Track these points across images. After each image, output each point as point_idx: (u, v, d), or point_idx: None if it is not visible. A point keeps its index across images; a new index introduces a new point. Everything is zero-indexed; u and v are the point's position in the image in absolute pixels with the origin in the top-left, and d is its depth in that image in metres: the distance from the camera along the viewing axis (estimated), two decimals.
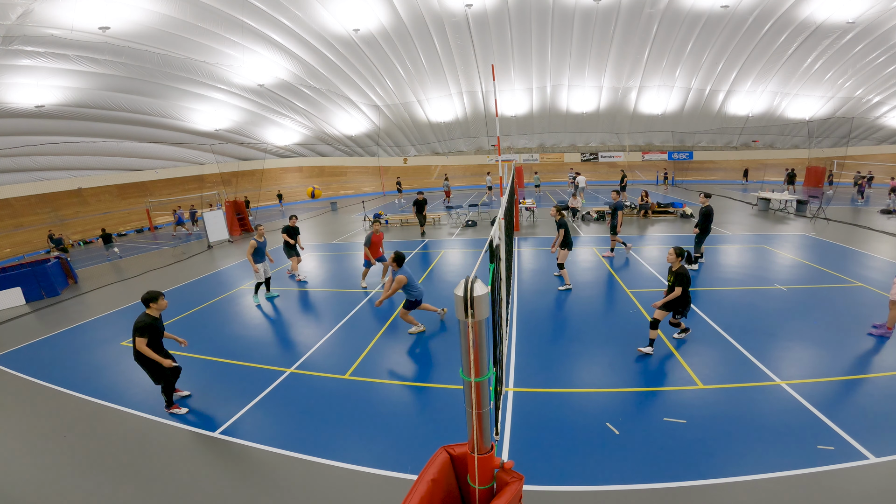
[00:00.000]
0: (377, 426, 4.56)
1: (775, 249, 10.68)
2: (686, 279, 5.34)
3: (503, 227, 3.26)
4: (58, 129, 21.46)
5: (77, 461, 4.37)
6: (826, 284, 7.97)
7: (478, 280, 1.36)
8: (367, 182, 35.10)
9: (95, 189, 26.88)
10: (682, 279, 5.34)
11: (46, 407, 5.50)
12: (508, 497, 1.53)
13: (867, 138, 29.85)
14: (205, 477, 4.01)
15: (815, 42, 22.67)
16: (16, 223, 22.90)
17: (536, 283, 8.95)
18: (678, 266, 5.45)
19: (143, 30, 17.65)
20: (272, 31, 20.72)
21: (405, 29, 22.28)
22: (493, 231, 2.44)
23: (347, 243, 14.71)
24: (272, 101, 26.74)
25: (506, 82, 26.75)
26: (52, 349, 7.47)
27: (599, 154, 34.48)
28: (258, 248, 8.60)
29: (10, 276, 10.88)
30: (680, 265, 5.44)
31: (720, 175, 31.00)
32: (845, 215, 15.22)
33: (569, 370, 5.48)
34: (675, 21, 22.21)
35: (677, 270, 5.43)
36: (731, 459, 3.77)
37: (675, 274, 5.45)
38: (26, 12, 14.40)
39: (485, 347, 1.43)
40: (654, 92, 27.89)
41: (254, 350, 6.64)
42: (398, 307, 7.99)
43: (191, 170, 30.63)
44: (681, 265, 5.44)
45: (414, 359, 6.10)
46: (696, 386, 4.92)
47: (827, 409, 4.35)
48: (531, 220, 16.53)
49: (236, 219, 18.81)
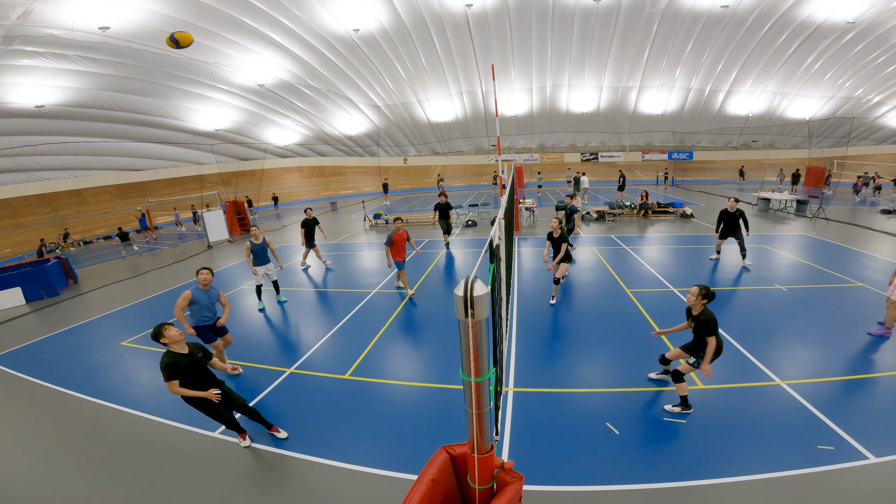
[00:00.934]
0: (377, 426, 4.56)
1: (775, 249, 10.68)
2: (714, 326, 4.12)
3: (503, 227, 3.26)
4: (58, 129, 21.46)
5: (77, 461, 4.36)
6: (826, 284, 7.97)
7: (478, 280, 1.36)
8: (367, 182, 35.11)
9: (95, 189, 26.89)
10: (709, 328, 4.10)
11: (46, 407, 5.50)
12: (508, 497, 1.53)
13: (867, 138, 29.85)
14: (205, 477, 4.01)
15: (815, 42, 22.67)
16: (16, 223, 22.91)
17: (536, 283, 8.95)
18: (700, 309, 4.21)
19: (143, 30, 17.64)
20: (272, 31, 20.72)
21: (405, 29, 22.28)
22: (493, 231, 2.44)
23: (347, 243, 14.70)
24: (272, 101, 26.74)
25: (506, 82, 26.75)
26: (52, 349, 7.47)
27: (599, 154, 34.49)
28: (254, 251, 8.20)
29: (10, 276, 10.88)
30: (703, 308, 4.22)
31: (720, 175, 31.01)
32: (845, 215, 15.22)
33: (569, 370, 5.48)
34: (675, 21, 22.21)
35: (700, 316, 4.20)
36: (731, 459, 3.77)
37: (697, 321, 4.21)
38: (26, 12, 14.39)
39: (485, 347, 1.43)
40: (654, 92, 27.89)
41: (254, 350, 6.64)
42: (398, 307, 8.00)
43: (191, 170, 30.63)
44: (704, 308, 4.22)
45: (414, 359, 6.10)
46: (696, 386, 4.92)
47: (827, 409, 4.35)
48: (531, 220, 16.53)
49: (236, 219, 18.82)
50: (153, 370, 6.29)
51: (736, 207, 9.06)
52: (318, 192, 33.93)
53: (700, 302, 4.22)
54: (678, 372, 4.38)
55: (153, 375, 6.14)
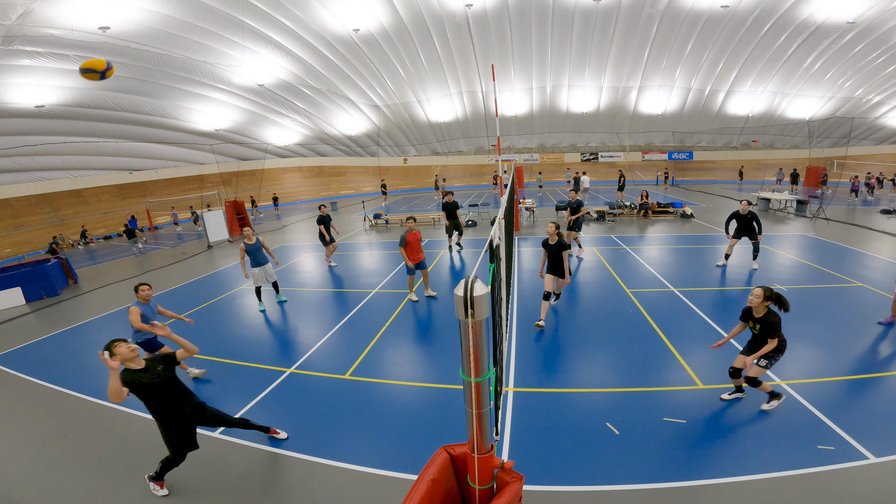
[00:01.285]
0: (377, 426, 4.56)
1: (775, 249, 10.68)
2: (778, 328, 4.13)
3: (503, 227, 3.26)
4: (58, 129, 21.47)
5: (77, 461, 4.36)
6: (826, 284, 7.97)
7: (478, 280, 1.36)
8: (367, 182, 35.12)
9: (95, 189, 26.89)
10: (773, 329, 4.12)
11: (46, 407, 5.50)
12: (508, 497, 1.53)
13: (867, 138, 29.87)
14: (205, 477, 4.00)
15: (815, 42, 22.68)
16: (16, 223, 22.91)
17: (536, 283, 8.94)
18: (764, 311, 4.17)
19: (143, 30, 17.66)
20: (272, 31, 20.73)
21: (405, 29, 22.29)
22: (493, 231, 2.45)
23: (348, 243, 14.70)
24: (272, 101, 26.75)
25: (506, 82, 26.76)
26: (52, 349, 7.47)
27: (599, 154, 34.51)
28: (249, 251, 8.07)
29: (10, 276, 10.88)
30: (766, 310, 4.17)
31: (720, 175, 31.02)
32: (845, 215, 15.22)
33: (569, 370, 5.48)
34: (675, 21, 22.22)
35: (766, 317, 4.17)
36: (731, 459, 3.77)
37: (763, 322, 4.20)
38: (26, 12, 14.40)
39: (485, 347, 1.43)
40: (654, 92, 27.90)
41: (254, 350, 6.64)
42: (398, 307, 8.00)
43: (191, 170, 30.65)
44: (768, 310, 4.18)
45: (414, 359, 6.10)
46: (696, 386, 4.92)
47: (827, 409, 4.35)
48: (531, 220, 16.53)
49: (236, 219, 18.82)
50: None
51: (748, 210, 8.80)
52: (318, 192, 33.94)
53: (763, 304, 4.16)
54: (753, 378, 4.30)
55: None
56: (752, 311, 4.27)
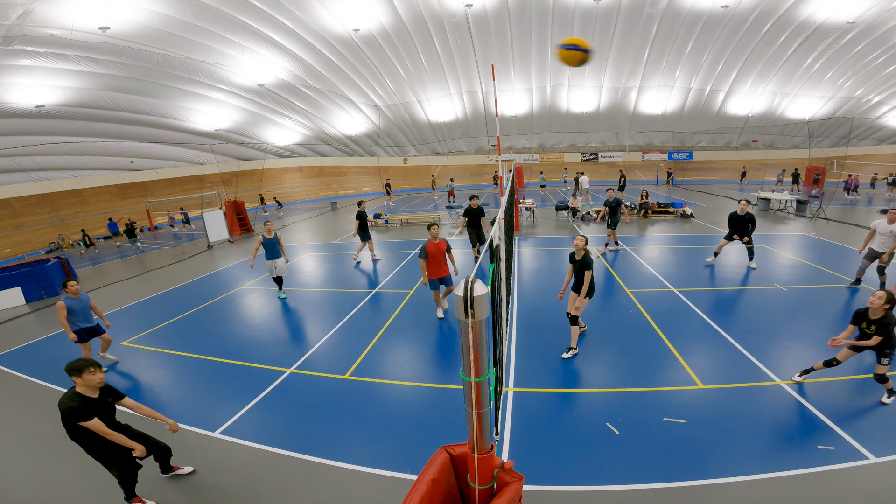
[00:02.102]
0: (377, 426, 4.56)
1: (775, 249, 10.68)
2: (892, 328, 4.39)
3: (503, 227, 3.26)
4: (58, 129, 21.46)
5: (77, 461, 4.36)
6: (826, 284, 7.97)
7: (478, 280, 1.36)
8: (367, 182, 35.13)
9: (95, 189, 26.89)
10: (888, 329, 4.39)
11: (46, 407, 5.50)
12: (508, 497, 1.53)
13: (867, 138, 29.86)
14: (205, 477, 4.01)
15: (815, 42, 22.67)
16: (16, 223, 22.92)
17: (536, 283, 8.95)
18: (882, 314, 4.42)
19: (142, 30, 17.65)
20: (272, 31, 20.72)
21: (405, 29, 22.29)
22: (493, 231, 2.45)
23: (347, 243, 14.70)
24: (272, 101, 26.75)
25: (506, 82, 26.75)
26: (52, 349, 7.47)
27: (599, 154, 34.50)
28: (265, 245, 8.67)
29: (10, 276, 10.88)
30: (885, 312, 4.42)
31: (720, 175, 31.02)
32: (845, 215, 15.22)
33: (569, 370, 5.48)
34: (675, 21, 22.22)
35: (881, 319, 4.41)
36: (731, 459, 3.77)
37: (881, 324, 4.42)
38: (26, 12, 14.39)
39: (485, 347, 1.43)
40: (654, 92, 27.89)
41: (254, 350, 6.64)
42: (398, 307, 8.00)
43: (191, 170, 30.65)
44: (886, 312, 4.42)
45: (414, 359, 6.10)
46: (696, 386, 4.92)
47: (827, 409, 4.36)
48: (531, 220, 16.53)
49: (236, 219, 18.81)
50: (153, 371, 6.30)
51: (746, 210, 8.73)
52: (318, 192, 33.95)
53: (884, 307, 4.40)
54: (881, 375, 4.51)
55: (153, 376, 6.15)
56: (869, 313, 4.52)
